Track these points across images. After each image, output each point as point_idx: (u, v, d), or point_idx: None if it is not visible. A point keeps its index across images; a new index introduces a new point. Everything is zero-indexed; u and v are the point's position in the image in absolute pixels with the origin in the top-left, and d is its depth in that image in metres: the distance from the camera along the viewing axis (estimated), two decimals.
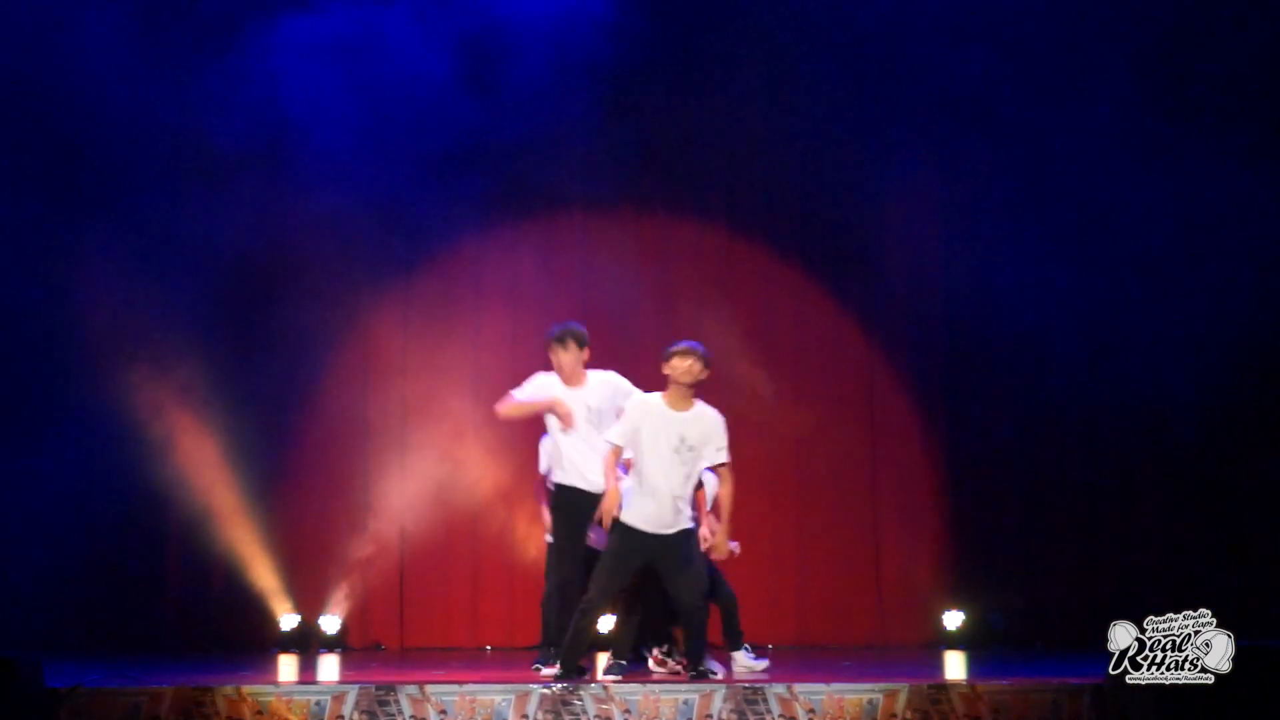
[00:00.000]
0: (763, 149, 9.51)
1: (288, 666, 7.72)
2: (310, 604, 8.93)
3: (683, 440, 5.94)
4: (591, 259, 9.35)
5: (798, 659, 7.95)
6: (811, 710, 5.63)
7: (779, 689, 5.70)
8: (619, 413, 6.33)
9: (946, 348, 9.05)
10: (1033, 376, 8.98)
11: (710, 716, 5.64)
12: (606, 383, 6.76)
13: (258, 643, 8.84)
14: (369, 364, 9.12)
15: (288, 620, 8.91)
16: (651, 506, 5.92)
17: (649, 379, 8.94)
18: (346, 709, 5.65)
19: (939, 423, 9.24)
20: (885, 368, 9.32)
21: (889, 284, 9.42)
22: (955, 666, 7.44)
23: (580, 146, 9.10)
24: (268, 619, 8.96)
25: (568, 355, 6.69)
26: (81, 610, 8.89)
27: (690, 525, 6.08)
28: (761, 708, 5.65)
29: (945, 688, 5.68)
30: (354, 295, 9.01)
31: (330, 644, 8.83)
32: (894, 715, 5.60)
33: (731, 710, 5.65)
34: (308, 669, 7.53)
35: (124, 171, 9.21)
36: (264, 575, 8.94)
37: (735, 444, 6.11)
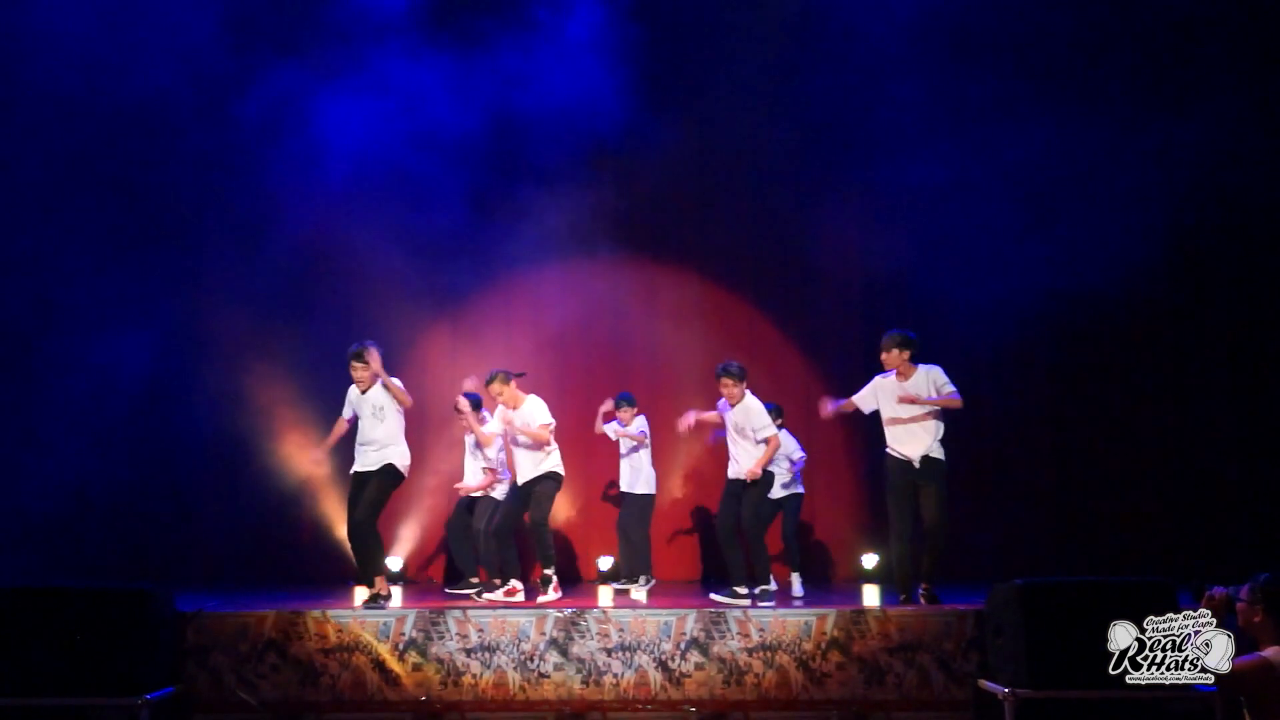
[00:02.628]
0: (725, 211, 9.48)
1: (361, 595, 7.71)
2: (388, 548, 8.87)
3: None
4: (592, 294, 9.27)
5: None
6: (761, 629, 5.65)
7: (737, 613, 5.72)
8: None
9: (864, 357, 8.93)
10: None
11: (685, 634, 5.65)
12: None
13: (337, 577, 8.81)
14: (426, 364, 9.09)
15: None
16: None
17: (641, 385, 9.04)
18: (407, 628, 5.66)
19: (858, 415, 9.22)
20: (817, 373, 9.28)
21: (820, 308, 9.40)
22: (871, 597, 7.45)
23: (586, 208, 9.02)
24: (345, 559, 8.91)
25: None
26: (203, 551, 8.87)
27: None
28: (724, 627, 5.67)
29: (863, 613, 5.70)
30: (418, 315, 8.97)
31: (394, 578, 8.80)
32: (824, 633, 5.63)
33: (701, 629, 5.66)
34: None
35: (239, 222, 9.16)
36: (342, 526, 8.90)
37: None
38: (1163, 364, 9.12)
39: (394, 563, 8.88)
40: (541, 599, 6.42)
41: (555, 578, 6.66)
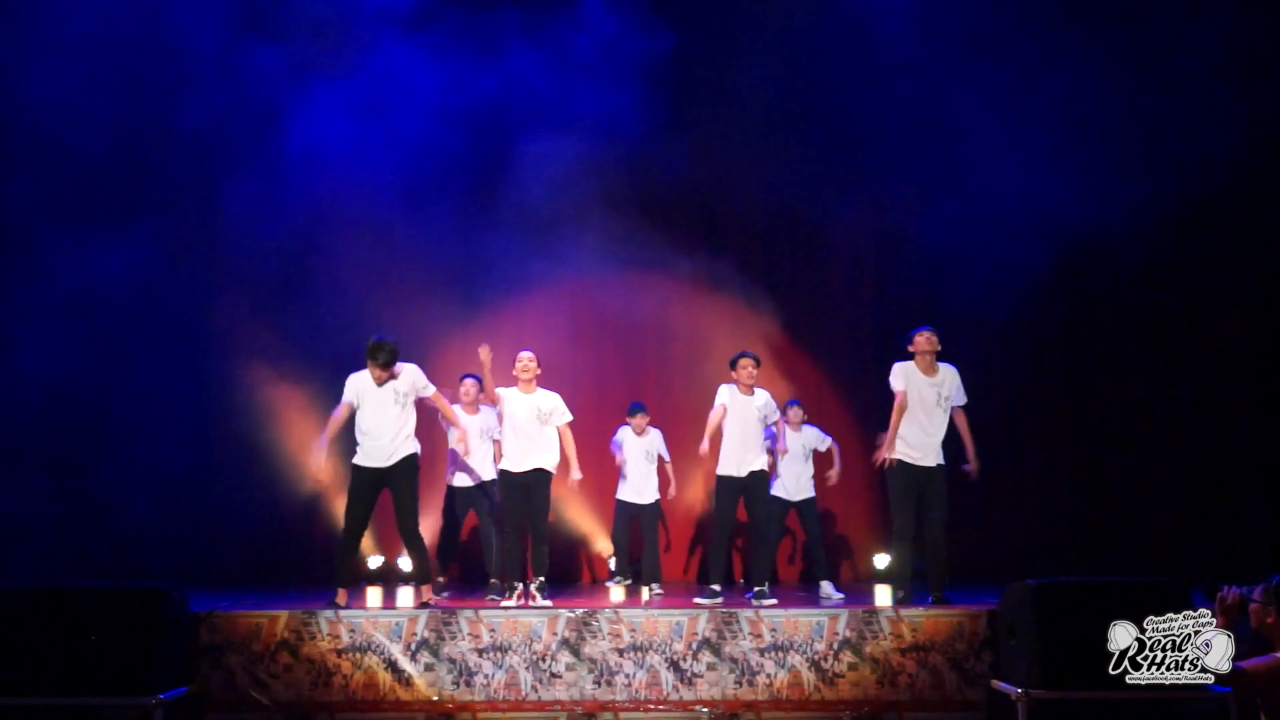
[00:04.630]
0: (731, 219, 9.47)
1: (374, 596, 7.74)
2: (391, 548, 8.87)
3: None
4: (604, 302, 9.28)
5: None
6: (774, 629, 5.65)
7: (749, 613, 5.72)
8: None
9: (876, 362, 8.85)
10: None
11: (696, 634, 5.66)
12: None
13: (350, 578, 8.80)
14: (433, 371, 9.03)
15: (374, 560, 8.90)
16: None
17: (650, 388, 9.03)
18: (419, 628, 5.68)
19: (868, 417, 9.17)
20: (825, 378, 9.24)
21: (823, 314, 9.37)
22: (883, 597, 7.43)
23: (596, 218, 8.99)
24: (359, 559, 8.90)
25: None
26: (218, 552, 8.89)
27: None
28: (736, 628, 5.67)
29: (875, 613, 5.70)
30: (426, 324, 8.89)
31: (406, 579, 8.80)
32: (836, 634, 5.63)
33: (713, 629, 5.67)
34: (389, 598, 7.53)
35: (245, 226, 9.10)
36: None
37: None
38: (1177, 363, 9.07)
39: (405, 562, 8.86)
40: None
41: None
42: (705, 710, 5.57)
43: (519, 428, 6.68)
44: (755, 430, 6.79)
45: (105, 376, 8.86)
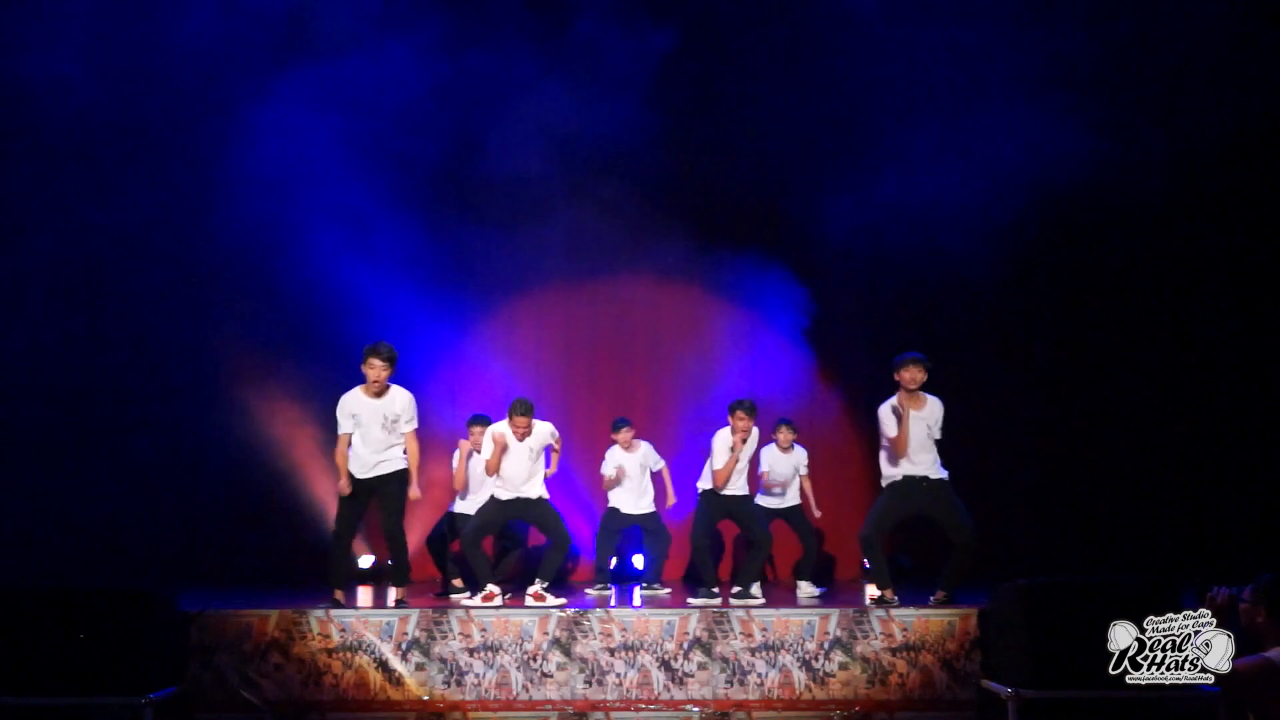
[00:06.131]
0: (721, 226, 9.40)
1: (365, 595, 7.71)
2: (382, 547, 8.78)
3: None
4: (599, 311, 9.27)
5: None
6: (765, 629, 5.65)
7: (739, 613, 5.72)
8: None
9: (870, 370, 8.79)
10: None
11: (688, 634, 5.65)
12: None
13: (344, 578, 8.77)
14: (427, 381, 8.96)
15: (365, 560, 8.87)
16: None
17: (642, 398, 9.01)
18: (410, 627, 5.67)
19: (862, 413, 9.16)
20: (822, 385, 9.21)
21: (816, 309, 9.35)
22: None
23: (585, 215, 8.97)
24: (349, 559, 8.88)
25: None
26: (208, 551, 8.84)
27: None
28: (726, 627, 5.67)
29: (866, 612, 5.70)
30: (420, 332, 8.82)
31: (381, 577, 8.71)
32: (827, 633, 5.63)
33: (704, 629, 5.67)
34: (380, 597, 7.52)
35: (264, 238, 8.99)
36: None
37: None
38: (1166, 360, 9.08)
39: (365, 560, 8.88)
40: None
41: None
42: (696, 710, 5.56)
43: (514, 464, 6.68)
44: (743, 466, 6.95)
45: (91, 376, 8.80)
